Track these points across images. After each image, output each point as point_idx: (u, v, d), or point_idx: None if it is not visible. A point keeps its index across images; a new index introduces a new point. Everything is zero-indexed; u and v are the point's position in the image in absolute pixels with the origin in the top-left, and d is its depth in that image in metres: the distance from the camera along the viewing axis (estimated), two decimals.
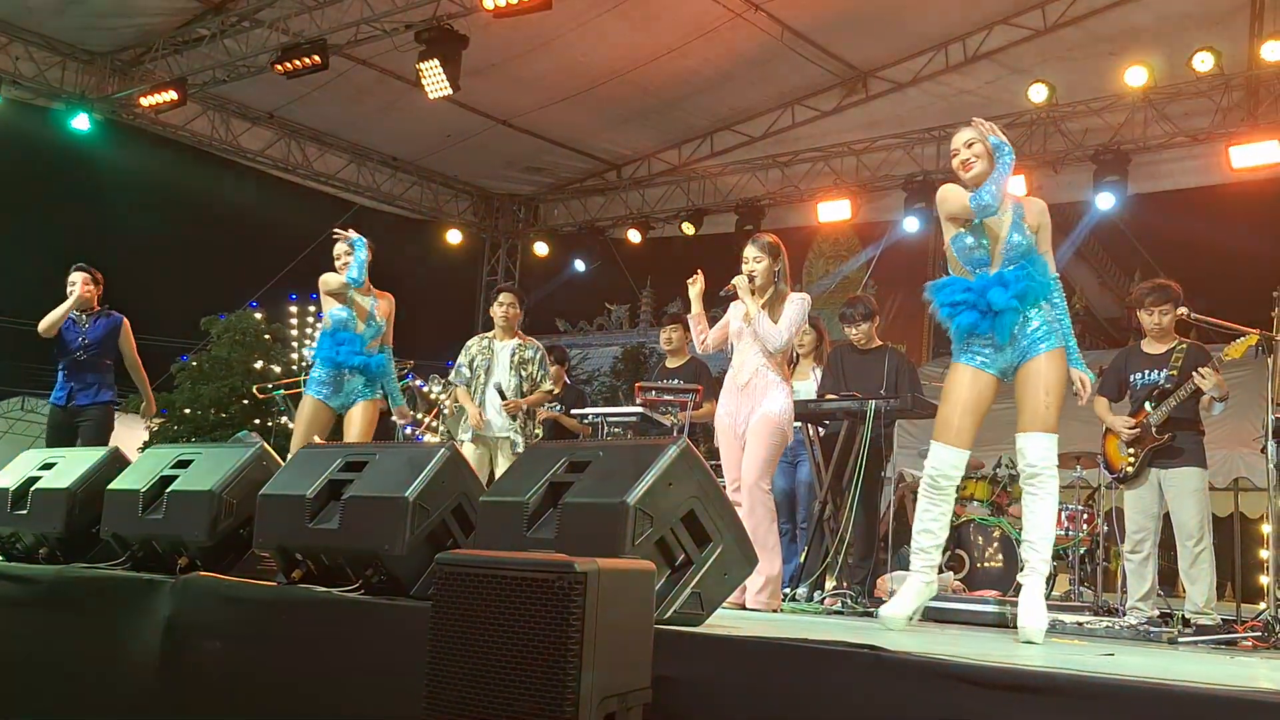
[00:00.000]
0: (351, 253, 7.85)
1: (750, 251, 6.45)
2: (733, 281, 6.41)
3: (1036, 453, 4.77)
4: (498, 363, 8.44)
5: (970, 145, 5.00)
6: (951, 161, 5.11)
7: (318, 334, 8.33)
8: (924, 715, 2.86)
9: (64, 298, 8.62)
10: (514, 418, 8.29)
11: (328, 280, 7.93)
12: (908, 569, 6.19)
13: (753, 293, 6.36)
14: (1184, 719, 2.57)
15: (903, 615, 4.89)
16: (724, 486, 5.50)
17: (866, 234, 17.17)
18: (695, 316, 6.65)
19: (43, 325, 8.68)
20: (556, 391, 9.87)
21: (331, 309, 7.95)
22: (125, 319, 8.83)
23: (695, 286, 6.62)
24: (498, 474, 8.04)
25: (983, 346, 4.94)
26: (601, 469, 3.80)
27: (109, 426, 8.68)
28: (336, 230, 8.06)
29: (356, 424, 7.86)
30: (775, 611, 6.01)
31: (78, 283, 8.68)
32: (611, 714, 2.89)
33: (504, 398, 8.28)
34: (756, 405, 6.22)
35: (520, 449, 8.20)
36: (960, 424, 4.95)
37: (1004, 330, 4.85)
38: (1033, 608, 4.67)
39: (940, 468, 4.94)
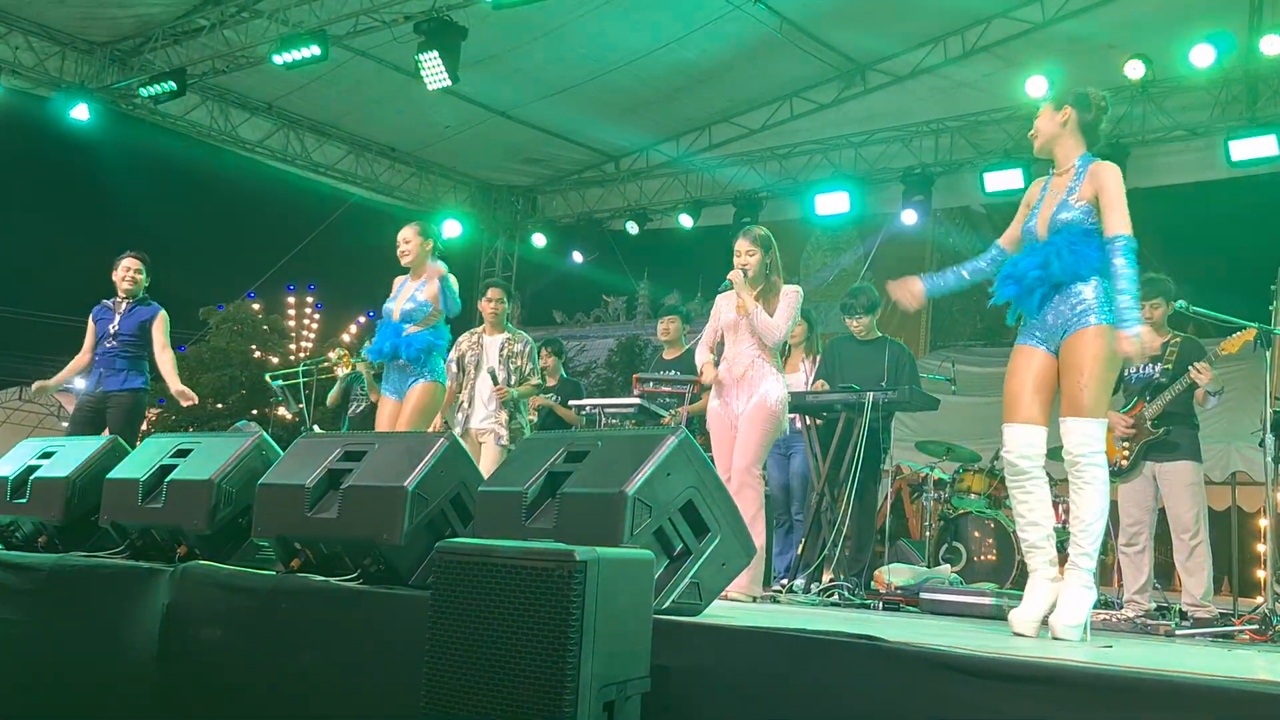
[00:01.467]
0: (410, 253, 7.62)
1: (743, 245, 6.48)
2: (729, 277, 6.44)
3: (1071, 439, 4.46)
4: (486, 357, 8.48)
5: (1039, 117, 4.81)
6: None
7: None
8: (921, 705, 2.87)
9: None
10: (501, 407, 8.31)
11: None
12: (905, 560, 6.18)
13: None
14: (1181, 710, 2.57)
15: (1036, 619, 4.49)
16: None
17: (864, 227, 17.18)
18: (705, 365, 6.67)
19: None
20: (549, 384, 9.90)
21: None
22: (163, 311, 8.58)
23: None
24: (481, 467, 8.04)
25: (1033, 325, 4.67)
26: (600, 459, 3.81)
27: (138, 414, 8.51)
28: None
29: (406, 409, 7.40)
30: (755, 599, 6.02)
31: (132, 269, 8.52)
32: (610, 702, 2.90)
33: (495, 382, 8.33)
34: (751, 395, 6.26)
35: (504, 441, 8.23)
36: (1029, 400, 4.61)
37: (1029, 304, 4.64)
38: (1065, 604, 4.38)
39: (1016, 448, 4.63)
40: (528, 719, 2.80)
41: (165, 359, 8.58)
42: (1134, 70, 12.03)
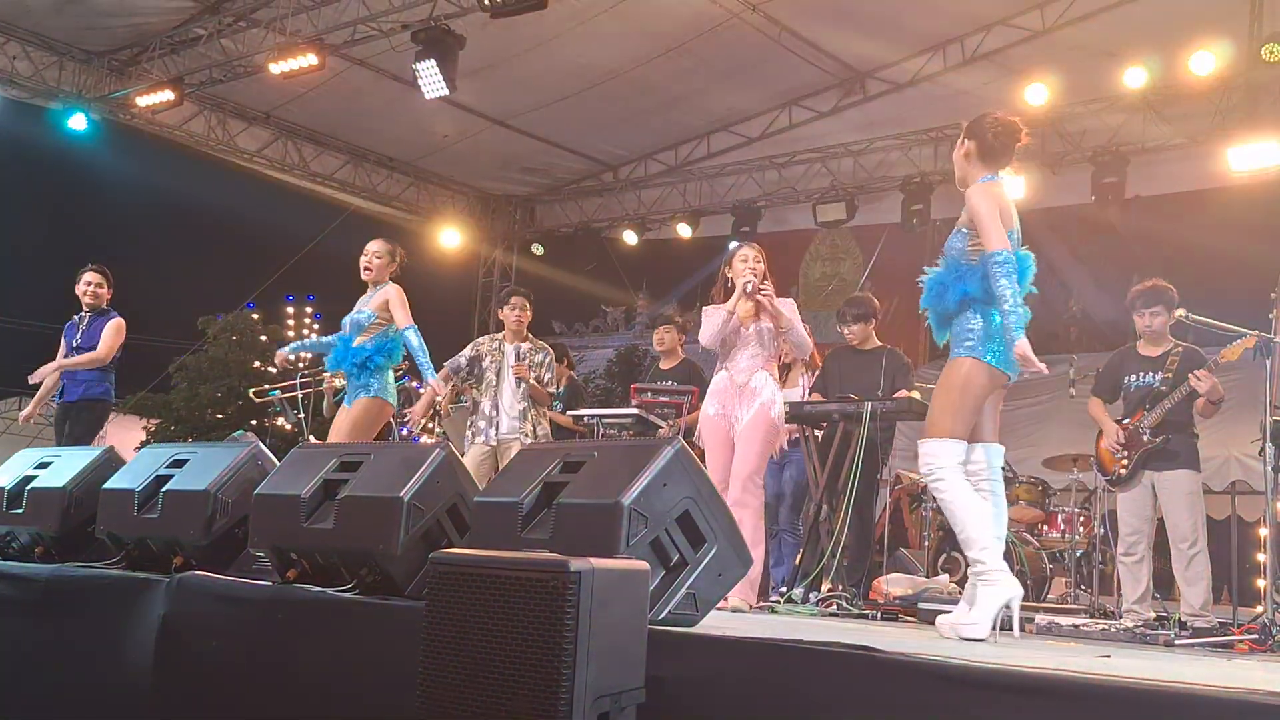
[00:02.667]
0: (374, 270, 7.58)
1: (750, 253, 6.50)
2: (744, 283, 6.39)
3: (926, 458, 4.71)
4: (507, 364, 8.49)
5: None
6: None
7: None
8: (917, 716, 2.86)
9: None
10: (524, 417, 8.34)
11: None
12: (904, 570, 6.11)
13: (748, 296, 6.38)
14: None
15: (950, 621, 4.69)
16: None
17: (864, 235, 17.15)
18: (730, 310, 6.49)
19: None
20: (559, 389, 9.89)
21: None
22: (120, 319, 8.78)
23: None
24: None
25: None
26: (596, 469, 3.80)
27: (97, 424, 8.67)
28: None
29: (344, 423, 7.47)
30: (750, 607, 5.98)
31: (93, 284, 8.71)
32: (605, 713, 2.88)
33: (519, 358, 8.36)
34: (751, 405, 6.25)
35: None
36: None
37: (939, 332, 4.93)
38: (971, 602, 4.57)
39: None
40: None
41: (86, 357, 8.60)
42: (1134, 78, 12.05)
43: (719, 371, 6.51)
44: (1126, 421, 7.18)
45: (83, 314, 8.73)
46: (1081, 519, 9.05)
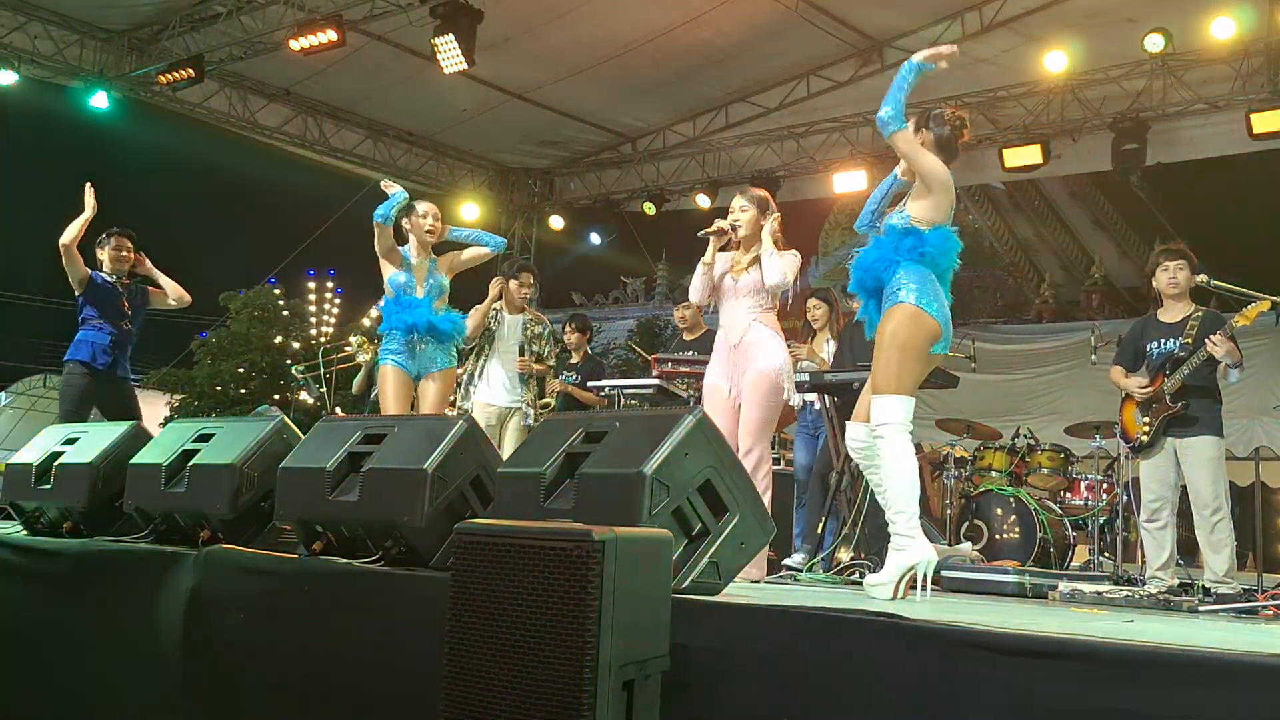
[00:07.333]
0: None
1: (737, 202, 6.12)
2: (718, 223, 6.10)
3: (875, 415, 4.84)
4: (508, 335, 8.47)
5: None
6: None
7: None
8: (940, 682, 2.87)
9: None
10: (523, 381, 8.36)
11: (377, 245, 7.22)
12: (926, 538, 6.09)
13: (738, 245, 6.10)
14: (1204, 685, 2.57)
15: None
16: None
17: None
18: (705, 262, 6.17)
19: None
20: (574, 361, 9.90)
21: (390, 275, 7.23)
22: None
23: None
24: (503, 445, 8.03)
25: None
26: (618, 439, 3.81)
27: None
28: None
29: (431, 397, 7.11)
30: (755, 582, 5.87)
31: (122, 249, 8.37)
32: (630, 682, 2.90)
33: (522, 354, 8.38)
34: (750, 364, 5.86)
35: (530, 421, 8.27)
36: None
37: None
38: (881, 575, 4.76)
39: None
40: (548, 698, 2.81)
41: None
42: (1153, 44, 11.96)
43: (718, 333, 6.11)
44: (1148, 389, 7.15)
45: (116, 278, 8.35)
46: (1104, 486, 9.04)
